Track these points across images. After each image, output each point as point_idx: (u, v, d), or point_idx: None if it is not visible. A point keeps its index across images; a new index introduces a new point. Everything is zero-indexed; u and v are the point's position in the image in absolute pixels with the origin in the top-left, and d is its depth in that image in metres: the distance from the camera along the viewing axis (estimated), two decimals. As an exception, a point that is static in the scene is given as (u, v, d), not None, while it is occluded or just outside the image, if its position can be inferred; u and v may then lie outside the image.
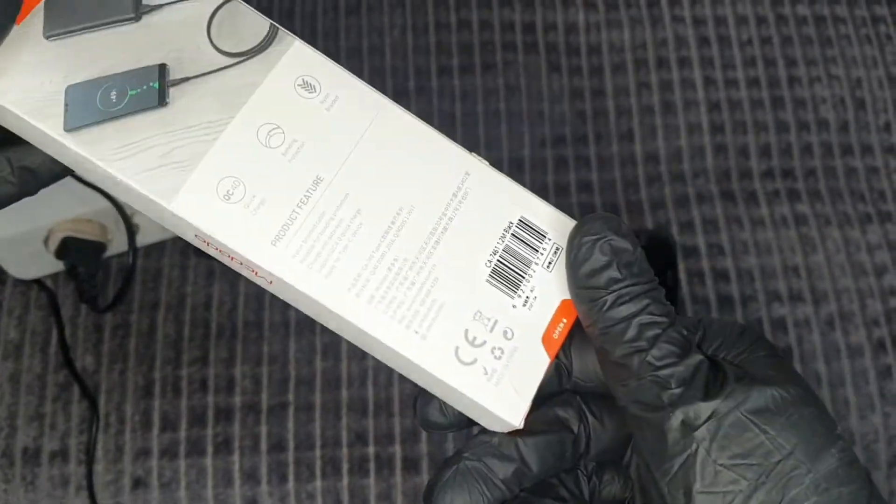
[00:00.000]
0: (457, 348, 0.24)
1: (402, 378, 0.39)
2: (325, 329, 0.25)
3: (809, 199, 0.55)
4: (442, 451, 0.48)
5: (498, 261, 0.25)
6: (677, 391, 0.23)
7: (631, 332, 0.23)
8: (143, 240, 0.50)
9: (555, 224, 0.26)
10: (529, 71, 0.58)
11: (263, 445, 0.47)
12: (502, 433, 0.25)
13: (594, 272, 0.24)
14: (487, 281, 0.25)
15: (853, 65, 0.59)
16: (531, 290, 0.25)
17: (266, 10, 0.50)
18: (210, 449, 0.47)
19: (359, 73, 0.29)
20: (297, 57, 0.25)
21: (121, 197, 0.24)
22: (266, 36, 0.25)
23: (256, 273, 0.24)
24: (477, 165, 0.26)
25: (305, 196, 0.24)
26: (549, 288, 0.25)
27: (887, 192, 0.56)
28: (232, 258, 0.24)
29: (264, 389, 0.48)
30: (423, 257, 0.25)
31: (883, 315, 0.53)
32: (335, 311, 0.24)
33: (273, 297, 0.25)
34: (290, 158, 0.24)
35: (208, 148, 0.24)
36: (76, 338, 0.49)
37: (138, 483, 0.46)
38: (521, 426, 0.24)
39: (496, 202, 0.26)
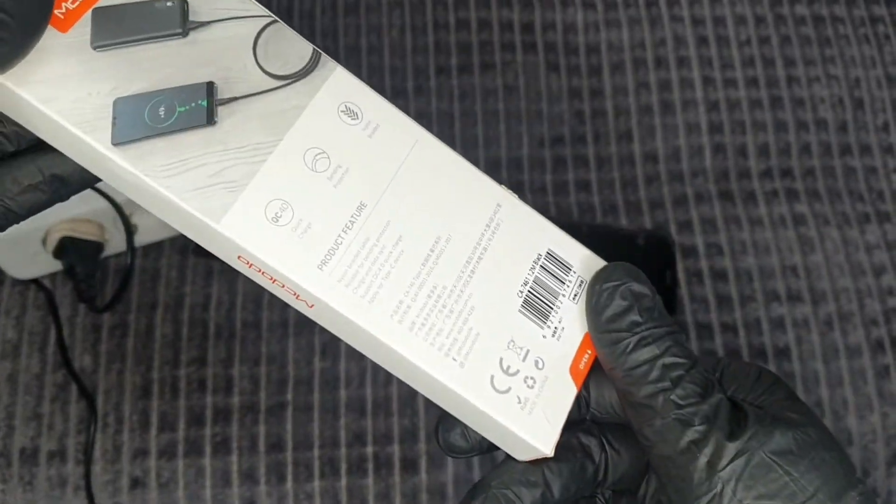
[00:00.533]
0: (492, 377, 0.25)
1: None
2: (323, 329, 0.25)
3: (808, 198, 0.55)
4: (441, 452, 0.48)
5: (529, 291, 0.26)
6: (701, 428, 0.23)
7: (655, 373, 0.24)
8: (141, 240, 0.50)
9: (578, 256, 0.27)
10: (528, 71, 0.58)
11: (262, 445, 0.47)
12: (527, 460, 0.25)
13: (616, 316, 0.24)
14: (520, 311, 0.26)
15: (852, 65, 0.60)
16: (559, 321, 0.26)
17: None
18: (208, 449, 0.47)
19: (357, 72, 0.29)
20: (340, 83, 0.25)
21: (161, 214, 0.24)
22: (310, 60, 0.25)
23: (298, 296, 0.24)
24: (507, 197, 0.27)
25: (350, 221, 0.24)
26: (574, 319, 0.26)
27: (886, 191, 0.56)
28: (274, 280, 0.24)
29: (262, 389, 0.48)
30: (459, 286, 0.25)
31: (881, 315, 0.53)
32: (378, 337, 0.24)
33: (271, 297, 0.25)
34: (336, 183, 0.25)
35: (257, 169, 0.24)
36: (74, 338, 0.49)
37: (136, 483, 0.46)
38: (552, 454, 0.25)
39: (526, 233, 0.27)
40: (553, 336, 0.26)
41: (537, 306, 0.26)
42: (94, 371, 0.48)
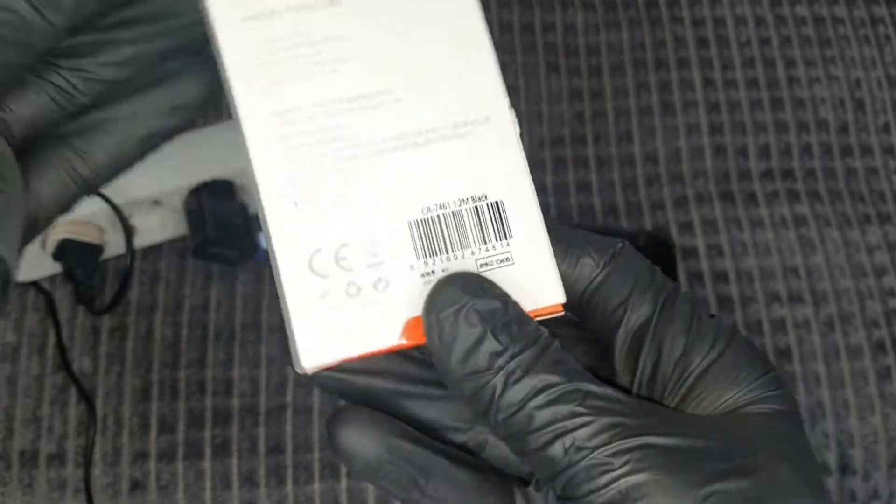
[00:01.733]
0: (319, 251, 0.20)
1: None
2: None
3: (809, 199, 0.55)
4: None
5: (437, 216, 0.21)
6: (625, 470, 0.18)
7: (540, 417, 0.19)
8: (140, 242, 0.50)
9: (530, 244, 0.21)
10: (528, 71, 0.57)
11: (261, 448, 0.47)
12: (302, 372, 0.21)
13: (468, 352, 0.19)
14: (409, 224, 0.21)
15: (852, 65, 0.59)
16: (441, 270, 0.21)
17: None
18: (208, 451, 0.47)
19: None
20: None
21: None
22: None
23: None
24: (505, 121, 0.22)
25: (308, 3, 0.21)
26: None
27: (887, 192, 0.56)
28: None
29: (262, 392, 0.48)
30: (371, 151, 0.21)
31: (882, 316, 0.52)
32: (242, 125, 0.21)
33: (271, 299, 0.25)
34: None
35: None
36: (73, 340, 0.49)
37: (136, 486, 0.46)
38: (308, 371, 0.20)
39: (490, 168, 0.22)
40: (422, 277, 0.21)
41: (431, 238, 0.21)
42: (93, 373, 0.48)
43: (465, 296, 0.19)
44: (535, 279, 0.21)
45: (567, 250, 0.22)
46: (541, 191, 0.23)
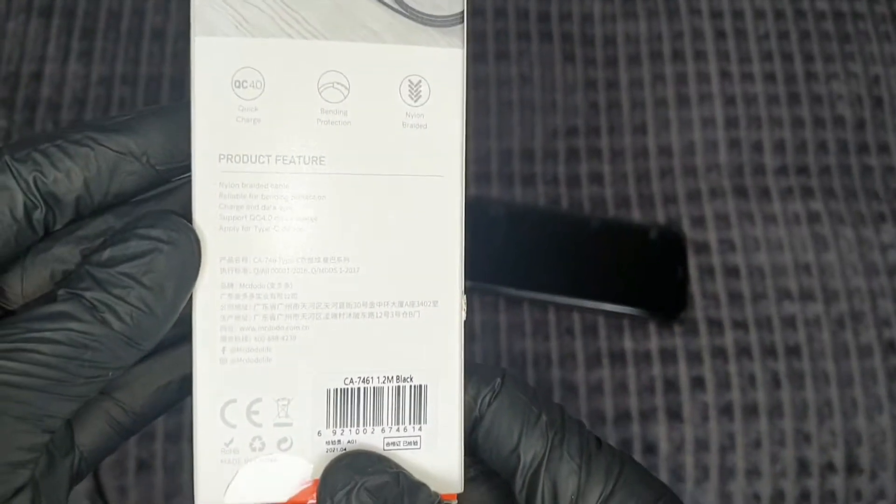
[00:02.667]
0: (232, 401, 0.21)
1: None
2: None
3: (823, 196, 0.55)
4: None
5: (358, 389, 0.21)
6: None
7: None
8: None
9: (443, 428, 0.22)
10: (543, 61, 0.57)
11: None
12: None
13: None
14: (328, 391, 0.21)
15: (871, 62, 0.59)
16: (347, 442, 0.21)
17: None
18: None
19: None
20: (448, 59, 0.22)
21: None
22: (456, 14, 0.22)
23: None
24: (452, 307, 0.22)
25: (295, 157, 0.21)
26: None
27: (902, 191, 0.56)
28: None
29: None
30: (310, 312, 0.21)
31: (894, 315, 0.52)
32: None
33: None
34: (333, 123, 0.22)
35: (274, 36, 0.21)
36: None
37: (142, 465, 0.46)
38: None
39: (423, 350, 0.22)
40: (325, 443, 0.21)
41: (346, 409, 0.21)
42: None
43: (356, 475, 0.20)
44: (437, 467, 0.22)
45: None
46: (552, 181, 0.23)
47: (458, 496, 0.23)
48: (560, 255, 0.52)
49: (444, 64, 0.22)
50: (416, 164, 0.22)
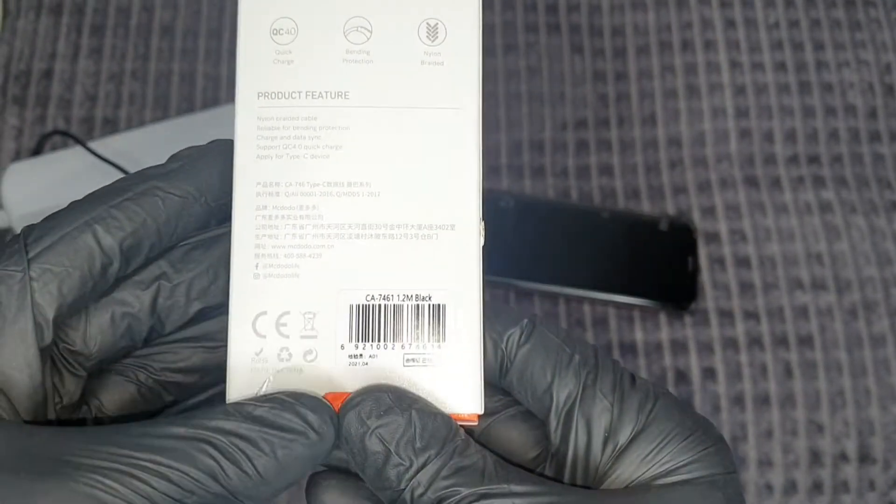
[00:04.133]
0: (263, 313, 0.22)
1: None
2: None
3: (835, 185, 0.55)
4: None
5: (379, 305, 0.23)
6: None
7: None
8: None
9: (461, 348, 0.22)
10: (552, 52, 0.57)
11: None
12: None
13: (378, 471, 0.21)
14: (351, 307, 0.23)
15: (883, 49, 0.58)
16: (369, 356, 0.22)
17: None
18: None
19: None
20: None
21: None
22: None
23: None
24: (470, 231, 0.23)
25: (322, 92, 0.23)
26: (383, 365, 0.22)
27: (915, 179, 0.55)
28: None
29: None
30: (332, 232, 0.23)
31: (907, 305, 0.52)
32: (234, 186, 0.23)
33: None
34: (355, 62, 0.24)
35: None
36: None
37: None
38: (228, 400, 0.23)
39: (441, 271, 0.23)
40: (347, 356, 0.22)
41: (368, 324, 0.23)
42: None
43: (367, 417, 0.21)
44: (456, 386, 0.22)
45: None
46: (562, 173, 0.23)
47: (484, 424, 0.24)
48: (570, 247, 0.52)
49: (460, 8, 0.24)
50: (434, 98, 0.23)
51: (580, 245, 0.52)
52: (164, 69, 0.55)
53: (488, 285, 0.51)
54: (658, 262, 0.52)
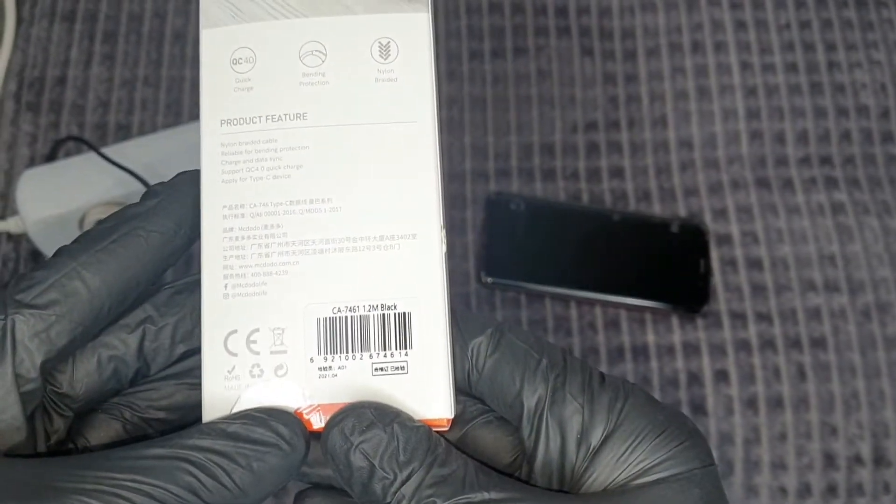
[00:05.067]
0: (234, 332, 0.23)
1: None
2: None
3: (847, 187, 0.54)
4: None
5: (345, 318, 0.23)
6: None
7: None
8: (175, 223, 0.50)
9: (429, 354, 0.23)
10: (562, 55, 0.57)
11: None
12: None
13: (364, 486, 0.22)
14: (318, 320, 0.23)
15: (895, 50, 0.58)
16: (338, 367, 0.23)
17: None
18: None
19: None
20: (413, 22, 0.25)
21: None
22: None
23: None
24: (431, 239, 0.23)
25: (280, 115, 0.24)
26: (349, 382, 0.23)
27: (928, 180, 0.55)
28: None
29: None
30: (295, 248, 0.23)
31: (921, 306, 0.52)
32: (201, 211, 0.24)
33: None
34: (309, 84, 0.24)
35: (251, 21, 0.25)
36: (110, 319, 0.49)
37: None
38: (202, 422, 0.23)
39: (405, 280, 0.23)
40: (316, 369, 0.23)
41: (335, 336, 0.23)
42: (129, 352, 0.49)
43: (351, 433, 0.22)
44: (425, 391, 0.23)
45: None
46: (573, 176, 0.23)
47: (458, 426, 0.24)
48: (581, 250, 0.52)
49: (411, 26, 0.24)
50: (389, 113, 0.24)
51: (592, 248, 0.52)
52: (176, 75, 0.55)
53: (500, 288, 0.51)
54: (670, 265, 0.51)
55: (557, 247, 0.51)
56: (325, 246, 0.23)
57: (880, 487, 0.48)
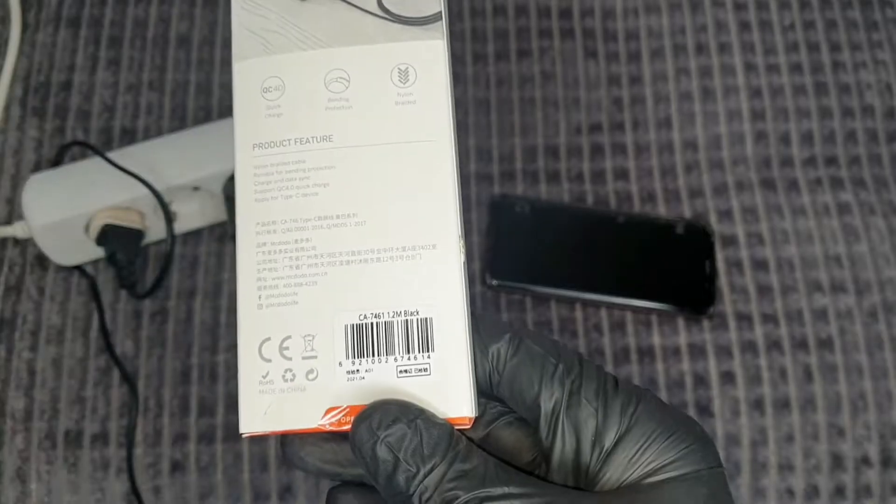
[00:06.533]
0: (268, 340, 0.25)
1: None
2: None
3: (853, 187, 0.54)
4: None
5: (371, 324, 0.25)
6: None
7: None
8: (180, 227, 0.50)
9: (450, 357, 0.24)
10: (566, 57, 0.57)
11: (299, 431, 0.48)
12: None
13: (389, 478, 0.23)
14: (346, 327, 0.25)
15: (900, 49, 0.58)
16: (366, 371, 0.24)
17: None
18: (246, 434, 0.48)
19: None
20: (430, 49, 0.26)
21: None
22: (431, 15, 0.27)
23: None
24: (451, 249, 0.25)
25: (307, 138, 0.26)
26: (377, 383, 0.24)
27: (934, 180, 0.55)
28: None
29: (300, 376, 0.49)
30: (325, 261, 0.25)
31: (928, 306, 0.51)
32: (237, 227, 0.25)
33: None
34: (335, 108, 0.26)
35: (288, 52, 0.27)
36: (116, 323, 0.50)
37: (177, 466, 0.47)
38: (244, 435, 0.25)
39: (427, 287, 0.25)
40: (347, 374, 0.24)
41: (362, 342, 0.24)
42: (135, 356, 0.49)
43: (376, 429, 0.23)
44: (448, 392, 0.24)
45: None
46: (578, 178, 0.24)
47: (479, 424, 0.25)
48: (586, 252, 0.51)
49: (428, 52, 0.26)
50: (409, 133, 0.25)
51: (596, 250, 0.52)
52: (181, 79, 0.55)
53: (506, 290, 0.51)
54: (675, 266, 0.51)
55: (562, 249, 0.51)
56: (351, 257, 0.25)
57: (888, 489, 0.48)
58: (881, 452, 0.49)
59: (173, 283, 0.50)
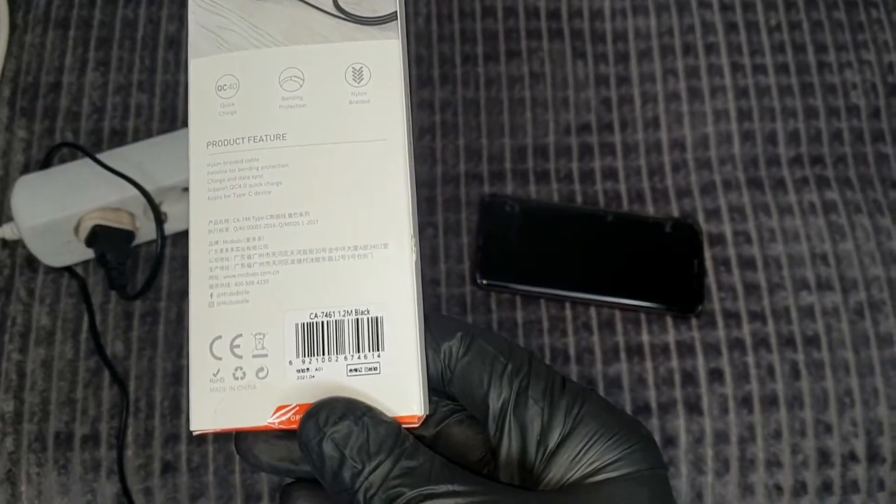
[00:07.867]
0: (219, 338, 0.25)
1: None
2: None
3: (839, 186, 0.55)
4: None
5: (322, 322, 0.25)
6: None
7: None
8: (171, 228, 0.50)
9: (400, 356, 0.24)
10: (554, 58, 0.57)
11: (290, 431, 0.48)
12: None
13: (335, 474, 0.23)
14: (296, 325, 0.24)
15: (885, 50, 0.58)
16: (315, 369, 0.24)
17: None
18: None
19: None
20: (384, 50, 0.26)
21: None
22: (387, 15, 0.27)
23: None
24: (402, 248, 0.25)
25: (260, 136, 0.26)
26: (325, 380, 0.24)
27: (919, 178, 0.55)
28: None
29: (290, 376, 0.49)
30: (276, 259, 0.25)
31: (913, 304, 0.52)
32: (189, 225, 0.25)
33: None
34: (287, 107, 0.26)
35: (244, 49, 0.27)
36: (106, 325, 0.50)
37: (168, 467, 0.47)
38: (194, 433, 0.25)
39: (377, 286, 0.25)
40: (297, 372, 0.24)
41: (312, 340, 0.24)
42: (126, 357, 0.49)
43: (322, 426, 0.23)
44: (397, 391, 0.24)
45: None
46: (566, 178, 0.24)
47: (427, 420, 0.25)
48: (576, 251, 0.52)
49: (382, 52, 0.26)
50: (362, 132, 0.26)
51: (586, 249, 0.52)
52: (170, 81, 0.55)
53: (495, 290, 0.51)
54: (664, 265, 0.52)
55: (552, 248, 0.52)
56: (302, 256, 0.25)
57: (875, 484, 0.49)
58: (868, 448, 0.49)
59: (164, 284, 0.50)
